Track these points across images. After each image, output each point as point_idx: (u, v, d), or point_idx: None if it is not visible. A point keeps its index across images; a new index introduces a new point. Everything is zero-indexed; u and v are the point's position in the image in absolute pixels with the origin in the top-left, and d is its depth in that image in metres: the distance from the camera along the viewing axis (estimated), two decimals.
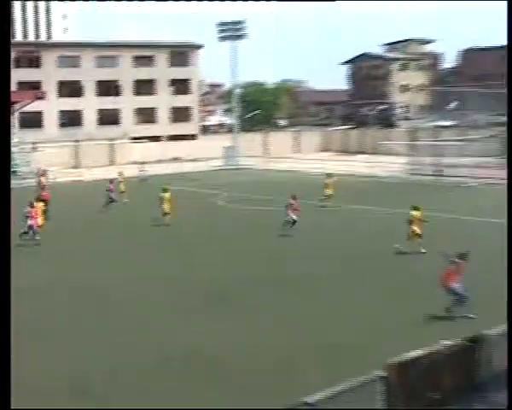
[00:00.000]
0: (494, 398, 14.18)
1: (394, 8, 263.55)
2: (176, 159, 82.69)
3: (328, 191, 43.78)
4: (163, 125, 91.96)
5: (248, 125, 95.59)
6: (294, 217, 34.38)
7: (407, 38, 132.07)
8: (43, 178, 51.24)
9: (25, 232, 33.23)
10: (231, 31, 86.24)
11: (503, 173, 58.76)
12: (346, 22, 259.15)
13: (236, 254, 30.56)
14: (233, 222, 40.25)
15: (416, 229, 29.89)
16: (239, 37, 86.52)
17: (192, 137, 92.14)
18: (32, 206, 33.95)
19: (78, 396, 15.32)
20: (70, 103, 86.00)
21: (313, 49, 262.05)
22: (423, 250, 29.13)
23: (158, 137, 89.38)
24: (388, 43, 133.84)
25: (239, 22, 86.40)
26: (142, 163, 61.61)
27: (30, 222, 33.29)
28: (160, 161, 77.72)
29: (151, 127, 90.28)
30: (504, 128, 76.99)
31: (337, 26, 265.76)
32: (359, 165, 66.84)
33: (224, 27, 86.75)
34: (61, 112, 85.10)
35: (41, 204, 36.09)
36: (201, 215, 42.38)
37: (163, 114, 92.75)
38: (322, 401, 12.10)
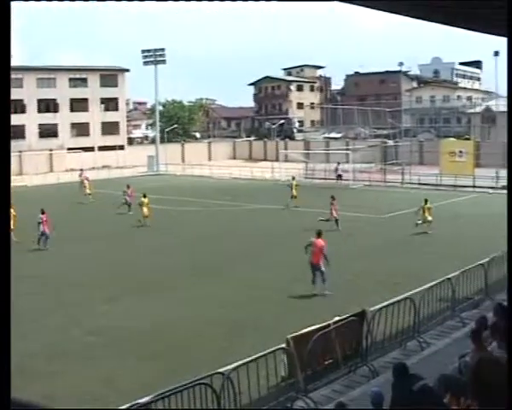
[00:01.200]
0: (373, 361, 14.74)
1: (293, 36, 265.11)
2: (106, 166, 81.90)
3: None
4: (95, 138, 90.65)
5: (168, 138, 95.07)
6: None
7: (302, 64, 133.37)
8: None
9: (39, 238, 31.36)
10: (153, 57, 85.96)
11: (381, 177, 60.41)
12: (252, 50, 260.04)
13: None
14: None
15: (428, 216, 32.74)
16: (160, 62, 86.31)
17: (120, 147, 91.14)
18: (43, 212, 31.95)
19: None
20: (14, 119, 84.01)
21: (223, 72, 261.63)
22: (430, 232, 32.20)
23: (91, 147, 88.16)
24: (287, 68, 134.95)
25: (160, 49, 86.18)
26: (81, 170, 60.50)
27: (42, 228, 31.39)
28: (92, 168, 76.84)
29: (85, 139, 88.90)
30: (380, 140, 79.25)
31: (244, 53, 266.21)
32: (262, 170, 67.30)
33: (148, 54, 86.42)
34: None
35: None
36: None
37: (95, 128, 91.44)
38: (233, 369, 12.42)
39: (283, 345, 13.54)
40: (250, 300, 21.42)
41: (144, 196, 38.36)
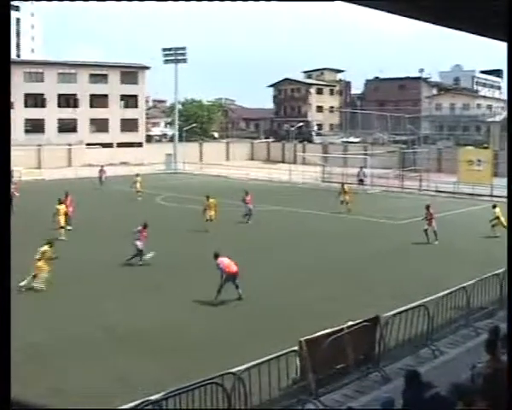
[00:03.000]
0: (385, 367, 14.70)
1: (315, 40, 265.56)
2: (124, 163, 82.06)
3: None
4: (114, 134, 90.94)
5: (187, 136, 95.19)
6: None
7: (323, 67, 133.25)
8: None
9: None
10: (174, 55, 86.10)
11: (398, 183, 60.22)
12: (273, 52, 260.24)
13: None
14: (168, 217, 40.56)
15: (503, 221, 32.24)
16: (180, 60, 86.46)
17: (138, 144, 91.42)
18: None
19: None
20: (34, 113, 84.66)
21: (244, 73, 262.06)
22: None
23: (109, 143, 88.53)
24: (307, 71, 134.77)
25: (181, 48, 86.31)
26: (102, 166, 60.67)
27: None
28: (110, 165, 77.01)
29: (103, 135, 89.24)
30: (398, 146, 79.05)
31: (265, 54, 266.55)
32: (280, 172, 67.27)
33: (168, 52, 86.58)
34: (27, 120, 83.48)
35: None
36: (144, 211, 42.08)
37: (114, 124, 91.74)
38: (246, 370, 12.43)
39: (296, 348, 13.53)
40: None
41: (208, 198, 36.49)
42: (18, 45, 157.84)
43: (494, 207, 34.77)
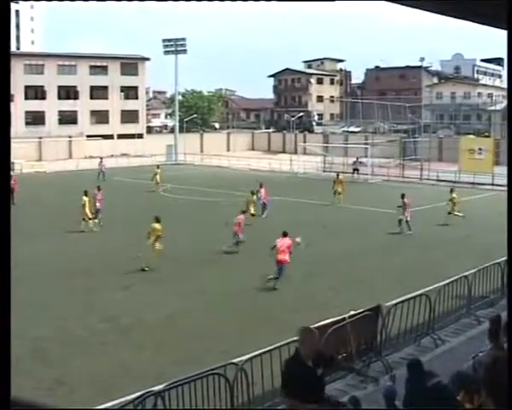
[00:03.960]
0: (387, 356, 14.71)
1: (315, 30, 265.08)
2: (125, 155, 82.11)
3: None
4: (114, 126, 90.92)
5: (187, 127, 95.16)
6: None
7: (323, 57, 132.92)
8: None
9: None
10: (174, 46, 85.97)
11: (399, 172, 60.19)
12: (273, 42, 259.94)
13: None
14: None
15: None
16: (180, 51, 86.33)
17: (139, 136, 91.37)
18: (99, 189, 34.91)
19: None
20: (35, 105, 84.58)
21: (244, 63, 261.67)
22: None
23: (110, 135, 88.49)
24: (307, 61, 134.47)
25: (181, 39, 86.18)
26: (101, 158, 60.74)
27: (98, 205, 33.86)
28: (111, 156, 77.11)
29: (104, 127, 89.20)
30: (399, 135, 78.94)
31: (265, 45, 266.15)
32: (281, 162, 67.24)
33: (168, 43, 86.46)
34: (27, 112, 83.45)
35: None
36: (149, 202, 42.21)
37: (114, 116, 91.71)
38: (247, 361, 12.44)
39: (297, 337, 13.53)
40: None
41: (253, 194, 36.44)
42: (17, 38, 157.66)
43: (451, 191, 35.45)
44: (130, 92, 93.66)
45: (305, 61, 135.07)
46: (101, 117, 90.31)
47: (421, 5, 9.56)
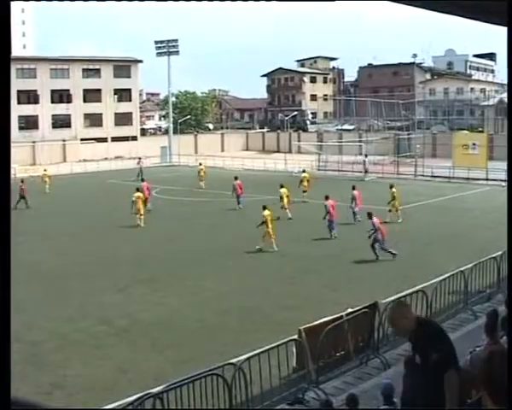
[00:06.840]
0: (385, 353, 14.73)
1: (307, 28, 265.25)
2: (119, 157, 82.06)
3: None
4: (108, 128, 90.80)
5: (181, 129, 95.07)
6: None
7: (316, 56, 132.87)
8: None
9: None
10: (166, 48, 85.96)
11: (393, 169, 60.22)
12: (265, 42, 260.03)
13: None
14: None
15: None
16: (173, 53, 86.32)
17: (133, 138, 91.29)
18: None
19: None
20: (28, 109, 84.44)
21: (237, 64, 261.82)
22: None
23: (104, 138, 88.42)
24: (300, 60, 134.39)
25: (173, 40, 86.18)
26: (140, 158, 62.11)
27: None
28: (105, 159, 77.07)
29: (98, 130, 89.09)
30: (393, 132, 79.03)
31: (257, 44, 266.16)
32: (275, 162, 67.16)
33: (161, 45, 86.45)
34: (20, 117, 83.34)
35: None
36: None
37: (108, 119, 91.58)
38: (245, 360, 12.46)
39: (295, 336, 13.56)
40: None
41: (282, 187, 37.32)
42: None
43: (391, 187, 35.20)
44: (123, 95, 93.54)
45: (297, 60, 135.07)
46: (94, 120, 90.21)
47: (423, 5, 9.50)
